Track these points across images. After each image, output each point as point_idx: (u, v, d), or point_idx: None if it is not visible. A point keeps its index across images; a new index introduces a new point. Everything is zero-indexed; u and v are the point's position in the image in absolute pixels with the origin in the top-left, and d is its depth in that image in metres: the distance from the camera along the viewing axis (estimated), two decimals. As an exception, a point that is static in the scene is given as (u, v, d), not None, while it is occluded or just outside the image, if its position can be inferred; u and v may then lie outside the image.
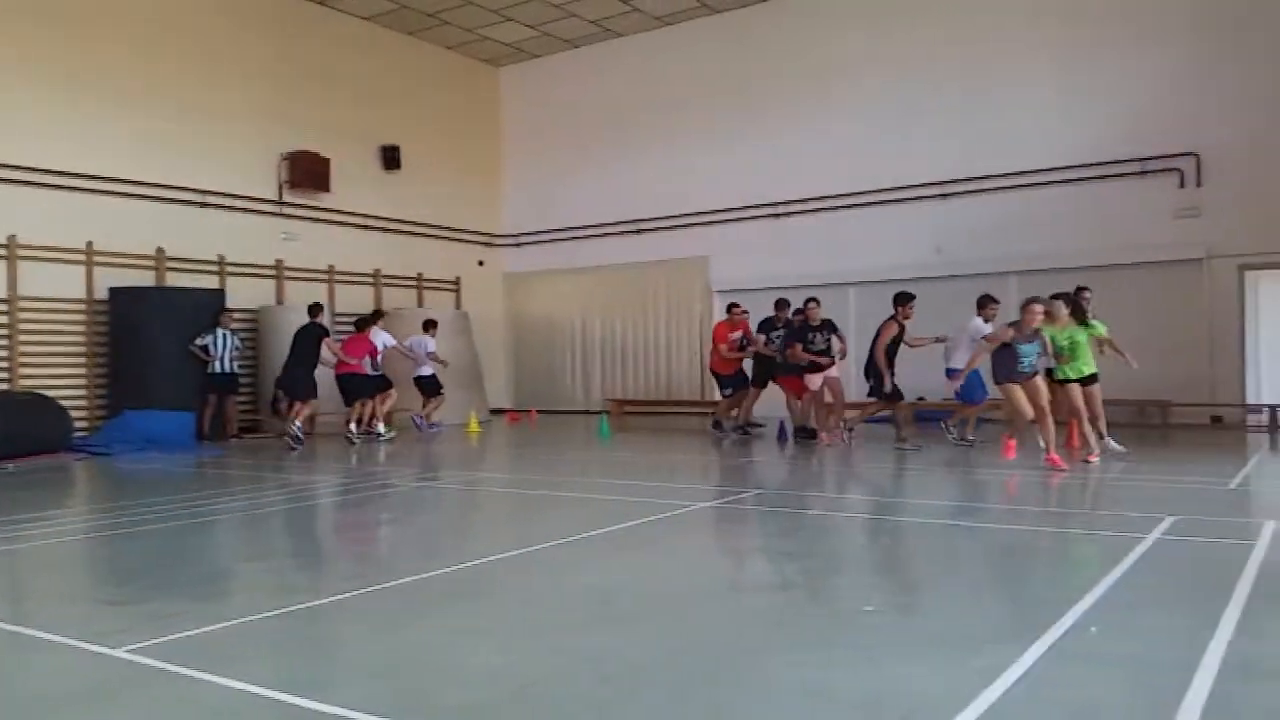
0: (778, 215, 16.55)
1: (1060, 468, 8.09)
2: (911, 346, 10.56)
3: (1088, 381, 9.04)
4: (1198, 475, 7.98)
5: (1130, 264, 13.19)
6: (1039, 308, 8.50)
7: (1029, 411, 8.44)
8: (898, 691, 3.00)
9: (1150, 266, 13.18)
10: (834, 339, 11.24)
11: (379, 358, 13.47)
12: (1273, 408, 12.34)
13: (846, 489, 8.29)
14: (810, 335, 11.10)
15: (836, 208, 15.89)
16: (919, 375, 11.70)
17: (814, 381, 11.13)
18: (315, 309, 13.08)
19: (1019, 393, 8.49)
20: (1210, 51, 13.20)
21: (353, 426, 12.88)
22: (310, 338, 12.69)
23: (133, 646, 3.57)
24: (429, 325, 14.43)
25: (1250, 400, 13.13)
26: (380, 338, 13.48)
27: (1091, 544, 5.55)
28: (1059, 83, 14.14)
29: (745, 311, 12.72)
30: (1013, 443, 8.98)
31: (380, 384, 13.48)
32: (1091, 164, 13.84)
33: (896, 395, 10.40)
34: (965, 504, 7.05)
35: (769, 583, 4.78)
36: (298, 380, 12.59)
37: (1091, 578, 4.41)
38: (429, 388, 14.24)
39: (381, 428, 13.26)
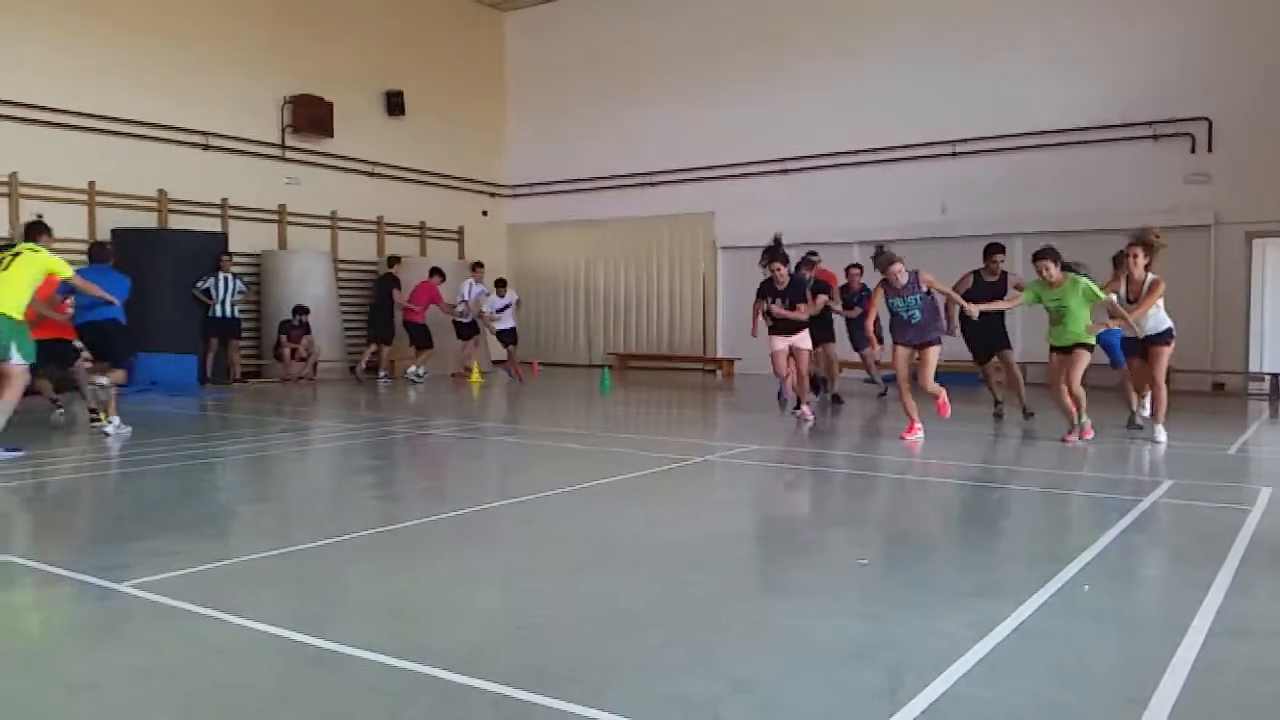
0: (784, 172, 16.40)
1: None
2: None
3: (1068, 350, 7.85)
4: (1198, 441, 8.00)
5: (1137, 228, 13.07)
6: (898, 265, 7.96)
7: (922, 386, 8.04)
8: (889, 643, 3.04)
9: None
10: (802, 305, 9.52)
11: (459, 306, 14.68)
12: (1274, 375, 12.33)
13: (848, 446, 8.31)
14: (772, 298, 9.54)
15: (843, 165, 15.75)
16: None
17: (775, 343, 9.60)
18: (392, 260, 15.28)
19: (902, 354, 8.13)
20: (1227, 15, 13.00)
21: (412, 368, 14.29)
22: (382, 287, 14.81)
23: (136, 582, 3.61)
24: (498, 284, 15.19)
25: (1253, 368, 13.13)
26: (468, 289, 14.82)
27: (1089, 505, 5.58)
28: (1072, 42, 13.94)
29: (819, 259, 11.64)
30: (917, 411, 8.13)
31: (465, 330, 14.90)
32: (1102, 126, 13.69)
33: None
34: (966, 464, 7.08)
35: (766, 534, 4.82)
36: (373, 324, 14.91)
37: (1088, 537, 4.44)
38: (508, 339, 15.06)
39: (416, 369, 14.30)
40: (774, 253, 9.46)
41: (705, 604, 3.50)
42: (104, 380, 8.28)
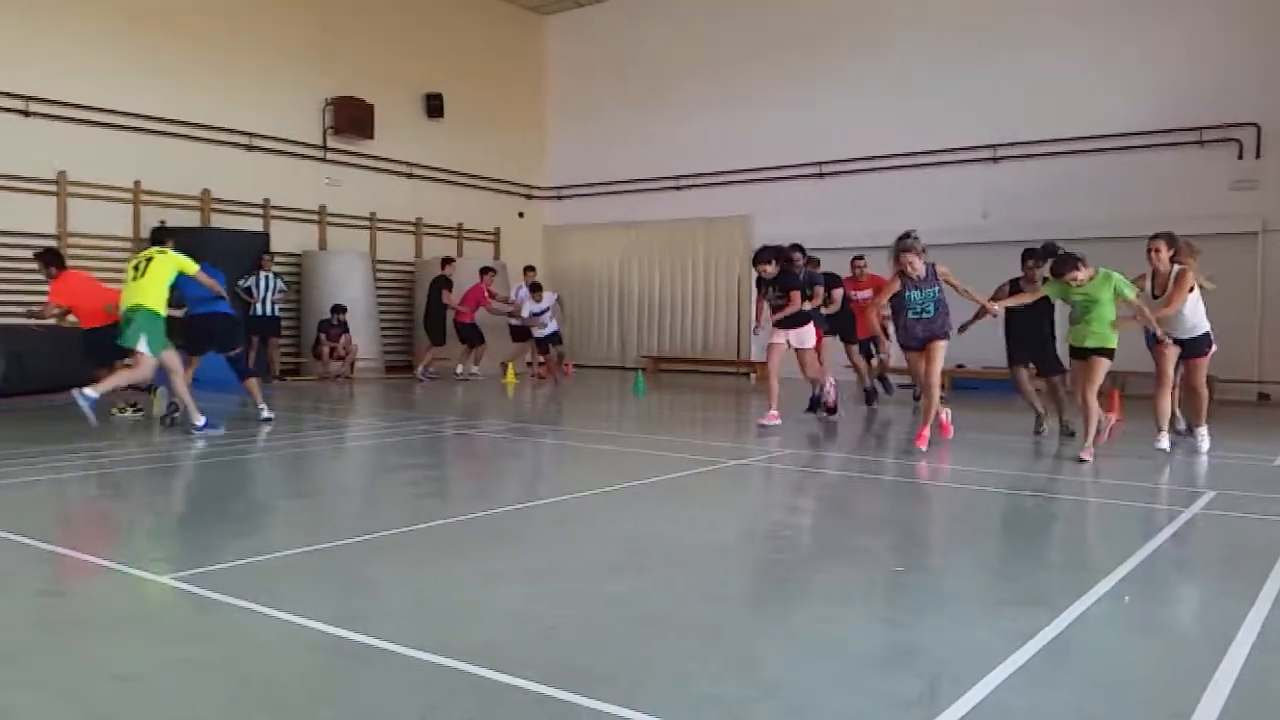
0: (822, 175, 16.34)
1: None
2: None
3: (1088, 354, 7.24)
4: (1242, 452, 7.85)
5: (1182, 235, 12.86)
6: (912, 255, 7.56)
7: (928, 382, 7.70)
8: (925, 650, 3.01)
9: (1203, 239, 12.83)
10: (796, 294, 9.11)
11: (508, 306, 15.12)
12: (1322, 387, 12.08)
13: (883, 452, 8.25)
14: (765, 289, 9.29)
15: (882, 169, 15.66)
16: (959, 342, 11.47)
17: (774, 336, 9.28)
18: (443, 261, 15.20)
19: (914, 360, 7.93)
20: (1276, 19, 12.75)
21: (459, 368, 14.68)
22: (433, 288, 14.88)
23: (177, 575, 3.67)
24: (533, 288, 15.38)
25: (1299, 378, 12.86)
26: (517, 292, 15.38)
27: (1130, 515, 5.49)
28: (1117, 47, 13.75)
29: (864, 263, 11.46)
30: (933, 427, 7.70)
31: (519, 333, 15.29)
32: (1147, 131, 13.50)
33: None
34: (1004, 472, 6.99)
35: (800, 539, 4.80)
36: (425, 326, 15.05)
37: (1128, 547, 4.37)
38: (552, 342, 15.47)
39: (474, 368, 14.78)
40: (759, 254, 9.23)
41: (739, 607, 3.49)
42: (264, 410, 9.05)
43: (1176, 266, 7.40)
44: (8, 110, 12.08)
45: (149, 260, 8.07)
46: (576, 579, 3.80)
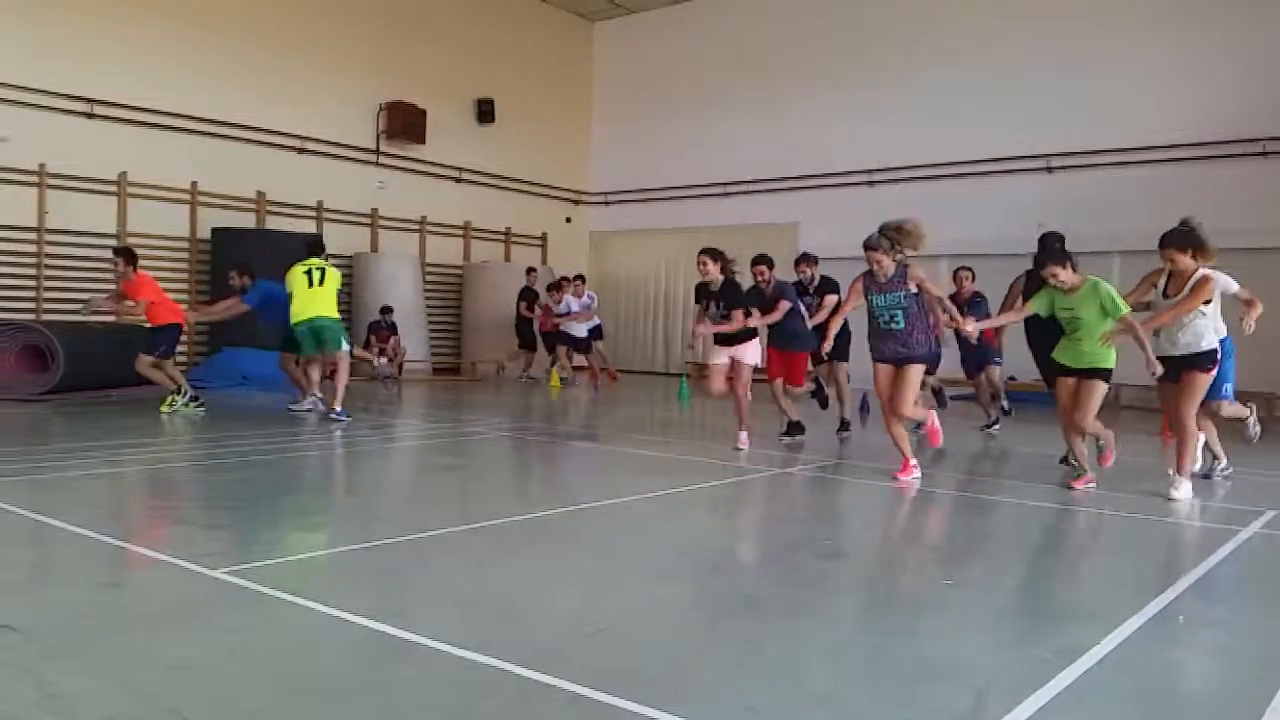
0: (872, 183, 16.22)
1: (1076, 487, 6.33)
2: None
3: (1085, 375, 6.23)
4: (1301, 471, 7.64)
5: (1245, 249, 12.56)
6: (878, 252, 6.63)
7: (895, 411, 6.56)
8: (973, 664, 2.97)
9: (1263, 252, 12.55)
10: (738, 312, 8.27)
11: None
12: (1388, 406, 11.70)
13: (932, 465, 8.15)
14: (705, 302, 8.44)
15: (933, 177, 15.50)
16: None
17: (714, 356, 8.53)
18: (527, 271, 15.88)
19: (881, 374, 6.58)
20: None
21: (562, 372, 15.19)
22: (518, 296, 15.37)
23: (228, 569, 3.74)
24: (549, 288, 15.33)
25: (1365, 397, 12.48)
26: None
27: (1185, 532, 5.37)
28: (1175, 56, 13.48)
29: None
30: (923, 437, 7.07)
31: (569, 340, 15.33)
32: (1207, 142, 13.21)
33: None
34: (1051, 487, 6.87)
35: (846, 549, 4.76)
36: (516, 334, 15.48)
37: (1183, 566, 4.28)
38: (574, 345, 15.32)
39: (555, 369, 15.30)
40: (708, 250, 8.24)
41: (783, 616, 3.47)
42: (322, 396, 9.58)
43: (1201, 271, 6.01)
44: (73, 112, 12.42)
45: (322, 271, 9.18)
46: (620, 583, 3.81)
